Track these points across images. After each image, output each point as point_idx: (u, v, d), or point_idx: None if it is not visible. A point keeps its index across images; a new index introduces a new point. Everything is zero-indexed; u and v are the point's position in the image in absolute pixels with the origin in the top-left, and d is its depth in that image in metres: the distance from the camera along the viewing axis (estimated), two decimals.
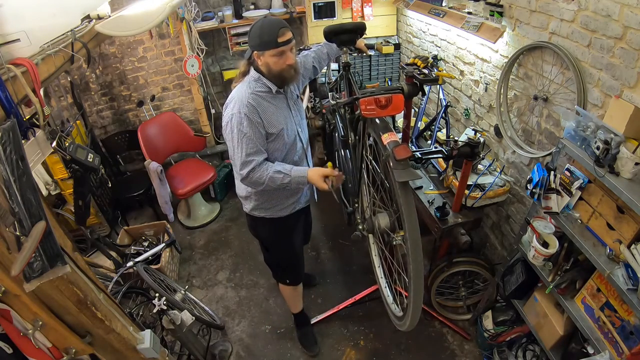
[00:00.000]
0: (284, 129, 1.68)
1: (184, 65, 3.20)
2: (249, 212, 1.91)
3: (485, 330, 2.17)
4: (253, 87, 1.63)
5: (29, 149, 1.15)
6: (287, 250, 2.06)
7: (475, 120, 2.52)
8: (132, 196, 3.34)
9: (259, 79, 1.64)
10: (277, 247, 2.06)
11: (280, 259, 2.11)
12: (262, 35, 1.51)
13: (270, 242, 2.05)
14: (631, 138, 1.30)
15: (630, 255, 1.27)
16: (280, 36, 1.50)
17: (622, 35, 1.41)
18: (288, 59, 1.57)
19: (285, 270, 2.17)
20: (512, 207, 2.28)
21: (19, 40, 1.22)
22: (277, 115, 1.66)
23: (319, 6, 3.16)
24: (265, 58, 1.56)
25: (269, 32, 1.50)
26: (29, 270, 0.84)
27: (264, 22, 1.54)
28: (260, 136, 1.61)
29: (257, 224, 1.94)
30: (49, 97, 2.87)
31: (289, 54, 1.57)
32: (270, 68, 1.58)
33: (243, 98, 1.59)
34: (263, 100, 1.62)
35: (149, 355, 1.41)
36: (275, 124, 1.65)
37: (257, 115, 1.59)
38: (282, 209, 1.87)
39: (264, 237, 2.06)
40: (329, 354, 2.37)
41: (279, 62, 1.56)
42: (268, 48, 1.52)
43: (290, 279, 2.18)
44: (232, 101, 1.62)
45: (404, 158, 1.20)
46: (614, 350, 1.41)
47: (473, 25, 2.20)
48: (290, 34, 1.54)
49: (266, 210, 1.86)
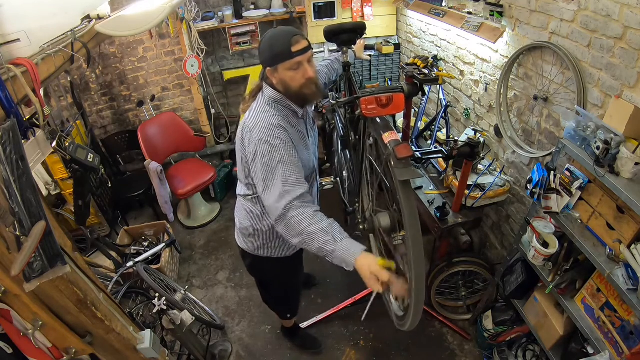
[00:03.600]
0: (306, 160, 1.48)
1: (184, 65, 3.20)
2: (251, 252, 1.70)
3: (485, 330, 2.17)
4: (274, 112, 1.37)
5: (29, 149, 1.15)
6: (290, 287, 1.99)
7: (475, 120, 2.52)
8: (132, 196, 3.34)
9: (281, 100, 1.39)
10: (280, 287, 1.96)
11: (282, 297, 2.05)
12: (273, 46, 1.31)
13: (274, 282, 1.94)
14: (631, 138, 1.30)
15: (630, 255, 1.27)
16: (294, 45, 1.30)
17: (622, 35, 1.41)
18: (307, 72, 1.34)
19: (285, 306, 2.11)
20: (512, 207, 2.28)
21: (19, 40, 1.22)
22: (301, 145, 1.45)
23: (319, 6, 3.16)
24: (280, 74, 1.34)
25: (281, 41, 1.30)
26: (29, 270, 0.84)
27: (274, 32, 1.34)
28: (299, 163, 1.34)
29: (262, 264, 1.75)
30: (49, 97, 2.87)
31: (306, 65, 1.34)
32: (287, 85, 1.36)
33: (270, 119, 1.34)
34: (289, 127, 1.39)
35: (149, 355, 1.41)
36: (300, 155, 1.40)
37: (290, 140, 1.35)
38: (289, 247, 1.69)
39: (269, 278, 1.93)
40: (329, 354, 2.37)
41: (297, 76, 1.34)
42: (281, 60, 1.31)
43: (291, 313, 2.14)
44: (255, 128, 1.33)
45: (405, 157, 1.20)
46: (614, 350, 1.41)
47: (473, 25, 2.20)
48: (305, 43, 1.33)
49: (273, 249, 1.68)
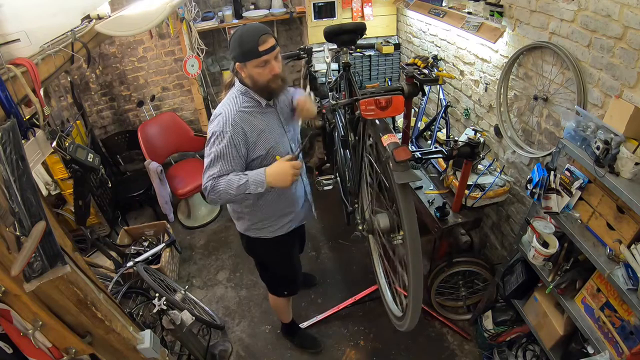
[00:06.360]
0: (274, 147, 1.57)
1: (184, 65, 3.20)
2: (243, 232, 1.84)
3: (485, 330, 2.17)
4: (240, 103, 1.52)
5: (29, 149, 1.15)
6: (285, 267, 2.01)
7: (475, 120, 2.52)
8: (132, 196, 3.35)
9: (246, 92, 1.53)
10: (275, 265, 2.00)
11: (279, 276, 2.06)
12: (242, 44, 1.41)
13: (268, 261, 2.00)
14: (631, 138, 1.30)
15: (630, 255, 1.27)
16: (261, 44, 1.39)
17: (622, 35, 1.41)
18: (273, 69, 1.45)
19: (282, 284, 2.11)
20: (512, 207, 2.28)
21: (19, 40, 1.21)
22: (267, 132, 1.55)
23: (319, 6, 3.16)
24: (249, 69, 1.45)
25: (249, 40, 1.39)
26: (29, 270, 0.84)
27: (243, 30, 1.42)
28: (238, 159, 1.51)
29: (254, 244, 1.87)
30: (49, 97, 2.87)
31: (273, 62, 1.45)
32: (255, 80, 1.48)
33: (229, 115, 1.49)
34: (252, 117, 1.52)
35: (149, 355, 1.41)
36: (263, 144, 1.55)
37: (242, 135, 1.49)
38: (277, 228, 1.79)
39: (261, 257, 2.00)
40: (329, 354, 2.37)
41: (264, 72, 1.45)
42: (250, 58, 1.42)
43: (288, 290, 2.13)
44: (217, 117, 1.51)
45: (403, 160, 1.20)
46: (614, 350, 1.41)
47: (473, 25, 2.20)
48: (272, 41, 1.42)
49: (260, 230, 1.79)
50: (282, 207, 1.76)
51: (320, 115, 2.71)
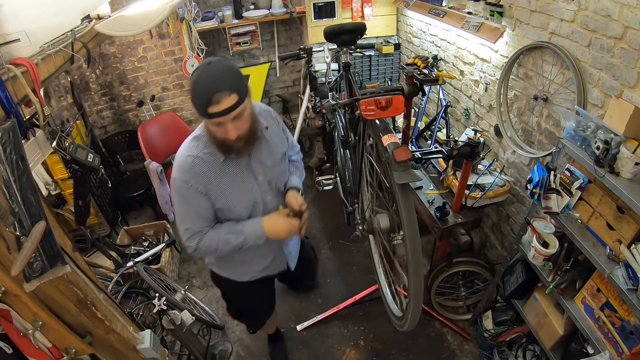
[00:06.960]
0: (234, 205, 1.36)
1: (184, 65, 3.20)
2: (207, 263, 1.67)
3: (485, 330, 2.17)
4: (200, 148, 1.28)
5: (29, 149, 1.15)
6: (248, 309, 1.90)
7: (475, 120, 2.52)
8: (132, 196, 3.34)
9: (208, 140, 1.28)
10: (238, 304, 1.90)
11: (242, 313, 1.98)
12: (194, 96, 1.14)
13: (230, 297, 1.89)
14: (631, 138, 1.30)
15: (630, 255, 1.27)
16: (212, 105, 1.09)
17: (622, 35, 1.41)
18: (227, 133, 1.17)
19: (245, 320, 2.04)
20: (512, 207, 2.28)
21: (19, 40, 1.21)
22: (228, 186, 1.32)
23: (319, 6, 3.16)
24: (204, 121, 1.21)
25: (199, 96, 1.11)
26: (29, 270, 0.84)
27: (200, 75, 1.12)
28: (205, 205, 1.32)
29: (218, 278, 1.69)
30: (49, 97, 2.87)
31: (229, 126, 1.15)
32: (210, 133, 1.24)
33: (185, 162, 1.28)
34: (209, 168, 1.29)
35: (149, 355, 1.41)
36: (221, 198, 1.33)
37: (201, 183, 1.29)
38: (243, 273, 1.62)
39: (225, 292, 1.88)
40: (329, 354, 2.37)
41: (219, 131, 1.19)
42: (200, 115, 1.15)
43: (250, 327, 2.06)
44: (176, 160, 1.31)
45: (403, 160, 1.20)
46: (614, 350, 1.41)
47: (473, 25, 2.20)
48: (231, 100, 1.10)
49: (224, 270, 1.63)
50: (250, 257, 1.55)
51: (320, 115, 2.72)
